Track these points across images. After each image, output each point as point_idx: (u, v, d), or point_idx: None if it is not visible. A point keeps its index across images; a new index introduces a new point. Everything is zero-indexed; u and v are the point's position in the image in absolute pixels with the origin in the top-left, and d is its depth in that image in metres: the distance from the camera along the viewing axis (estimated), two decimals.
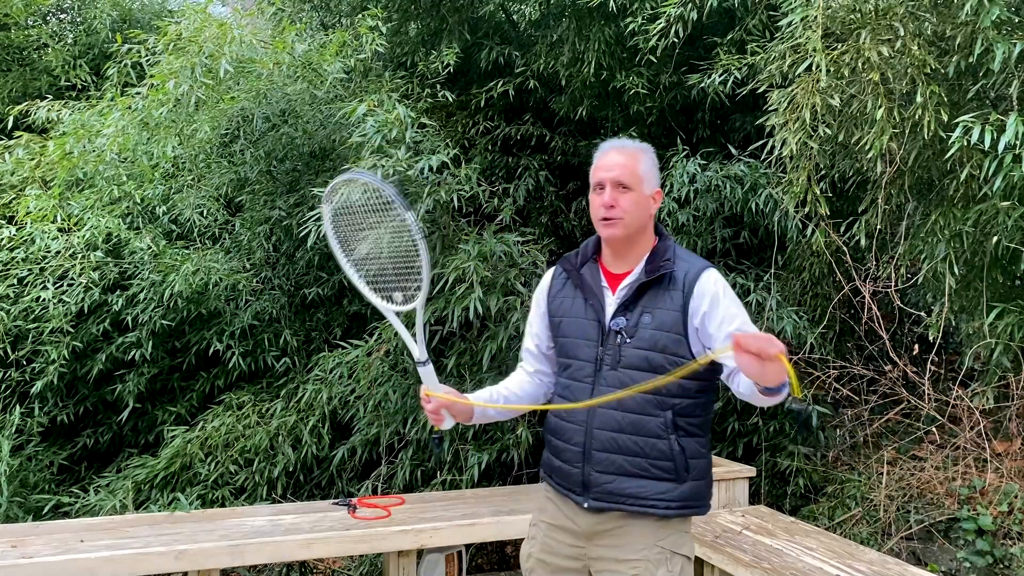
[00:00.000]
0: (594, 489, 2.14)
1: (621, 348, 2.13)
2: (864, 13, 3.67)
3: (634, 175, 2.18)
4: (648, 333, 2.11)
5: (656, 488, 2.11)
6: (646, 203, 2.20)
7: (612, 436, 2.13)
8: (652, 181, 2.23)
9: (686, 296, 2.11)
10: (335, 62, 4.84)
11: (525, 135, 5.64)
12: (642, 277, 2.16)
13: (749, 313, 2.05)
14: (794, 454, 4.89)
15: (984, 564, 3.94)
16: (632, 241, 2.19)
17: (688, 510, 2.15)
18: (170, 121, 4.64)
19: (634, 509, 2.12)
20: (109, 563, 3.23)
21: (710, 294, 2.11)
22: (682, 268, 2.15)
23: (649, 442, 2.11)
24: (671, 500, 2.11)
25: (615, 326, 2.15)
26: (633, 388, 2.07)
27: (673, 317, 2.11)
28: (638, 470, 2.11)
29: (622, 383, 2.10)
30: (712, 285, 2.12)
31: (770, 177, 4.50)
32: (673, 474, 2.11)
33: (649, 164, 2.24)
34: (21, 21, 6.69)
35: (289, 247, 5.39)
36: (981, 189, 3.38)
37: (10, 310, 4.53)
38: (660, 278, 2.14)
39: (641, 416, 2.11)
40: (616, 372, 2.13)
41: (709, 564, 3.68)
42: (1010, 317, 3.52)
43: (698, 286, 2.12)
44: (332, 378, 4.53)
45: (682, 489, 2.12)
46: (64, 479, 4.81)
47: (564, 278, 2.30)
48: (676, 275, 2.14)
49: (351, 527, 3.69)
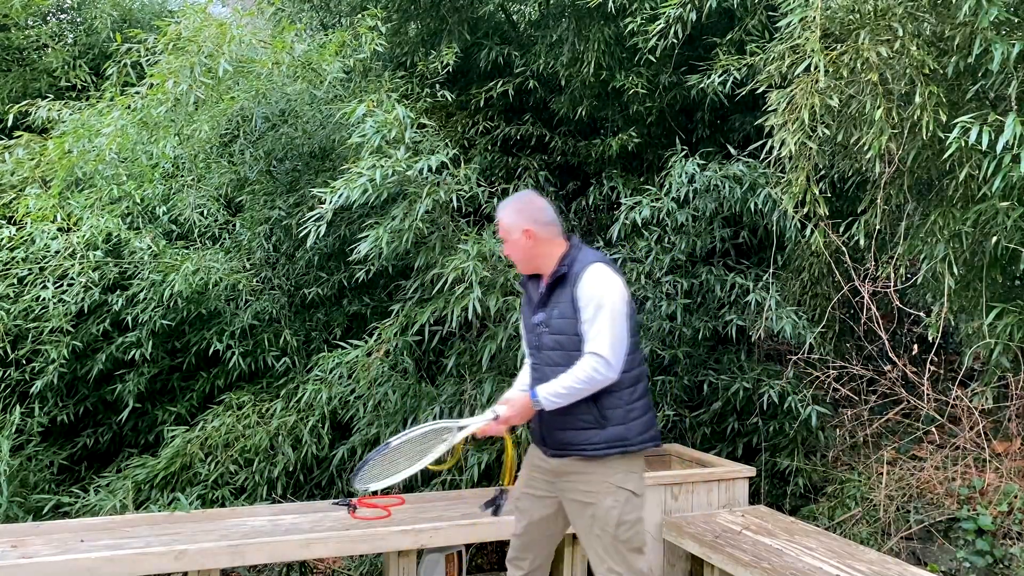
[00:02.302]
0: (548, 441, 2.86)
1: (542, 336, 2.85)
2: (863, 14, 3.67)
3: (505, 231, 2.90)
4: (556, 323, 2.80)
5: (584, 436, 2.76)
6: (520, 244, 2.87)
7: None
8: (518, 226, 2.87)
9: (573, 289, 2.76)
10: (334, 62, 4.84)
11: (525, 135, 5.64)
12: (547, 280, 2.85)
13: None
14: (794, 454, 4.89)
15: (984, 564, 3.95)
16: (533, 266, 2.90)
17: (615, 450, 2.76)
18: (169, 121, 4.64)
19: (572, 453, 2.78)
20: (109, 563, 3.24)
21: (585, 289, 2.74)
22: (574, 269, 2.79)
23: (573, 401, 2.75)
24: (597, 443, 2.75)
25: (536, 320, 2.88)
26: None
27: (567, 308, 2.77)
28: (567, 424, 2.78)
29: (546, 361, 2.83)
30: (588, 282, 2.74)
31: (769, 177, 4.51)
32: (594, 423, 2.75)
33: (511, 215, 2.89)
34: (21, 21, 6.69)
35: (289, 247, 5.39)
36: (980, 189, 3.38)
37: (10, 309, 4.53)
38: (561, 279, 2.80)
39: None
40: (542, 353, 2.86)
41: (709, 564, 3.68)
42: (1009, 317, 3.52)
43: (580, 283, 2.75)
44: (332, 378, 4.53)
45: (605, 434, 2.75)
46: (64, 479, 4.81)
47: (523, 288, 3.04)
48: (569, 275, 2.79)
49: (351, 527, 3.69)
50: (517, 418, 2.76)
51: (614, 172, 5.38)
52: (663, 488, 4.09)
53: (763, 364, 5.13)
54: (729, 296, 4.82)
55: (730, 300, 4.84)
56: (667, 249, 4.79)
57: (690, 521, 3.97)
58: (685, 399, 5.08)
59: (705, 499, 4.17)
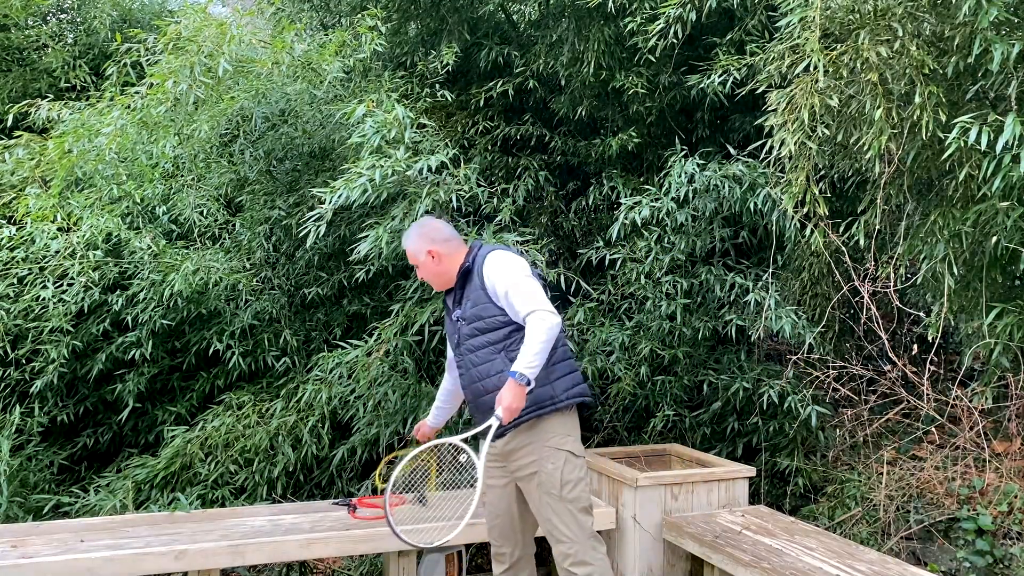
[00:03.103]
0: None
1: (461, 329, 3.11)
2: (863, 14, 3.67)
3: (412, 258, 3.20)
4: (471, 311, 3.06)
5: None
6: (428, 265, 3.16)
7: (477, 387, 3.07)
8: (421, 249, 3.15)
9: (481, 277, 3.04)
10: (334, 62, 4.84)
11: (525, 135, 5.64)
12: (456, 277, 3.13)
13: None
14: (794, 454, 4.89)
15: (984, 564, 3.95)
16: (445, 279, 3.19)
17: (545, 410, 2.98)
18: (169, 120, 4.64)
19: (509, 428, 2.97)
20: (109, 563, 3.24)
21: (492, 271, 3.02)
22: (477, 261, 3.08)
23: (498, 378, 2.97)
24: (528, 407, 2.92)
25: (455, 316, 3.15)
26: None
27: (479, 294, 3.04)
28: (496, 400, 2.87)
29: (468, 349, 3.07)
30: (492, 265, 3.03)
31: (769, 177, 4.51)
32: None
33: (413, 241, 3.18)
34: (21, 21, 6.69)
35: (289, 247, 5.39)
36: (980, 189, 3.38)
37: (10, 309, 4.53)
38: (466, 273, 3.09)
39: (487, 362, 3.03)
40: (464, 344, 3.10)
41: (709, 564, 3.68)
42: (1009, 317, 3.52)
43: (485, 268, 3.03)
44: (332, 378, 4.53)
45: (531, 398, 2.90)
46: (64, 479, 4.81)
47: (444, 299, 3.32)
48: (474, 267, 3.08)
49: (351, 527, 3.69)
50: (516, 403, 2.81)
51: (614, 172, 5.38)
52: (663, 488, 4.08)
53: (763, 364, 5.13)
54: (729, 296, 4.82)
55: (730, 300, 4.85)
56: (667, 249, 4.79)
57: (690, 521, 3.97)
58: (685, 399, 5.08)
59: (705, 499, 4.17)
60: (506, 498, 3.14)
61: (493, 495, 3.17)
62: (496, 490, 3.16)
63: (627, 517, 4.05)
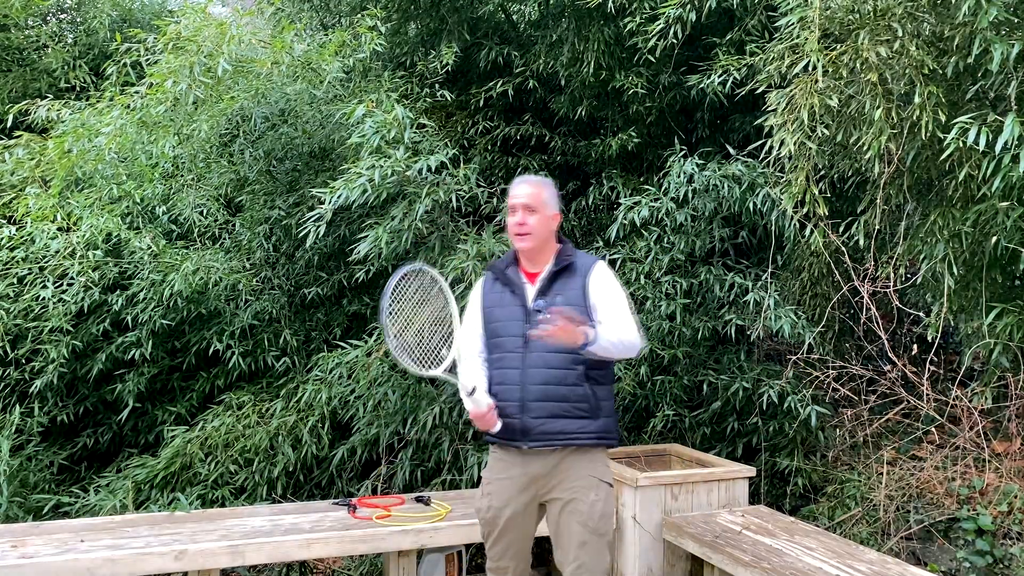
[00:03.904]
0: (532, 432, 2.78)
1: (540, 323, 2.73)
2: (862, 14, 3.67)
3: (539, 200, 2.86)
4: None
5: (578, 424, 2.78)
6: (548, 221, 2.88)
7: (543, 388, 2.79)
8: (552, 206, 2.89)
9: (584, 280, 2.84)
10: (334, 62, 4.84)
11: (525, 135, 5.64)
12: (552, 268, 2.87)
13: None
14: (794, 454, 4.89)
15: (984, 564, 3.95)
16: (540, 249, 2.89)
17: (604, 441, 2.84)
18: (168, 120, 4.64)
19: (564, 443, 2.78)
20: (109, 563, 3.24)
21: (600, 280, 2.85)
22: (581, 261, 2.89)
23: (571, 389, 2.78)
24: (590, 432, 2.79)
25: (537, 306, 2.82)
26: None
27: (577, 295, 2.82)
28: (563, 412, 2.77)
29: (546, 348, 2.73)
30: (602, 273, 2.87)
31: (768, 177, 4.51)
32: (590, 412, 2.79)
33: (549, 193, 2.90)
34: (21, 21, 6.69)
35: (289, 247, 5.39)
36: (980, 189, 3.38)
37: (10, 309, 4.53)
38: (565, 268, 2.86)
39: (563, 370, 2.78)
40: (534, 341, 2.74)
41: (709, 564, 3.68)
42: (1009, 317, 3.52)
43: (592, 274, 2.86)
44: (332, 378, 4.53)
45: (597, 424, 2.80)
46: (64, 479, 4.81)
47: (493, 279, 2.98)
48: (577, 266, 2.87)
49: (351, 527, 3.69)
50: (567, 339, 2.59)
51: (614, 172, 5.38)
52: (663, 488, 4.08)
53: (763, 364, 5.13)
54: (728, 296, 4.82)
55: (729, 300, 4.85)
56: (666, 249, 4.79)
57: (690, 521, 3.97)
58: (685, 399, 5.08)
59: (705, 499, 4.17)
60: (527, 520, 2.90)
61: (512, 517, 2.87)
62: (517, 512, 2.87)
63: (627, 517, 4.05)
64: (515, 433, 2.81)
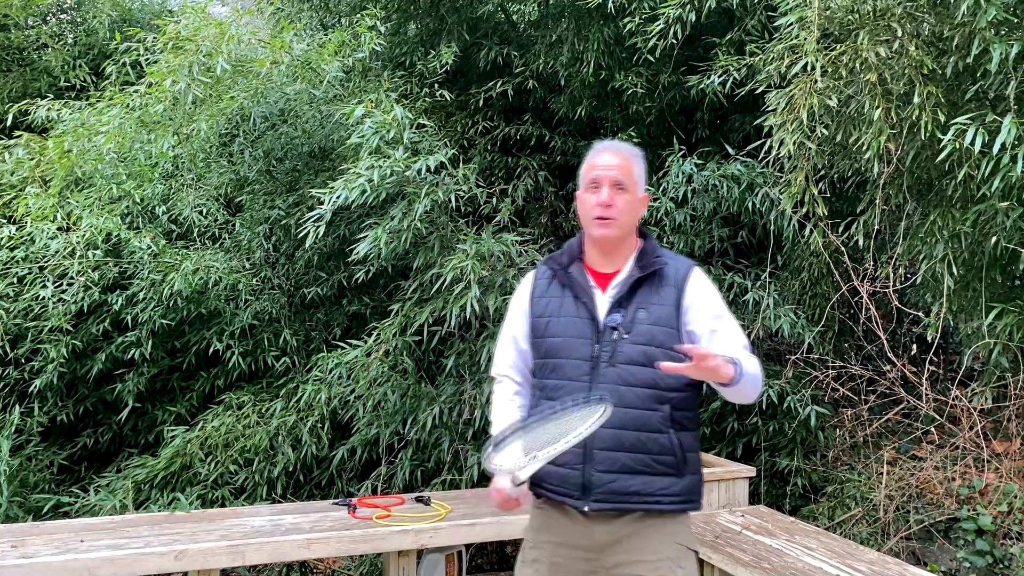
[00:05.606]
0: (596, 490, 2.08)
1: (618, 344, 2.09)
2: (862, 14, 3.67)
3: (630, 177, 2.17)
4: (645, 328, 2.10)
5: (660, 483, 2.08)
6: (638, 205, 2.21)
7: (615, 433, 2.05)
8: (643, 185, 2.24)
9: (679, 292, 2.14)
10: (333, 62, 4.84)
11: (524, 135, 5.64)
12: (636, 273, 2.15)
13: (746, 312, 2.15)
14: (794, 454, 4.89)
15: (984, 564, 3.95)
16: (622, 241, 2.20)
17: (689, 504, 2.14)
18: (168, 120, 4.64)
19: (637, 507, 2.08)
20: (109, 563, 3.24)
21: (700, 291, 2.16)
22: (672, 266, 2.18)
23: (651, 437, 2.08)
24: (674, 495, 2.10)
25: (611, 322, 2.11)
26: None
27: (668, 312, 2.12)
28: (642, 466, 2.07)
29: (622, 379, 2.06)
30: (702, 283, 2.18)
31: (767, 177, 4.51)
32: (674, 468, 2.09)
33: (641, 168, 2.24)
34: (21, 21, 6.69)
35: (289, 247, 5.39)
36: (979, 189, 3.38)
37: (10, 308, 4.53)
38: (652, 275, 2.15)
39: (643, 411, 2.07)
40: (615, 368, 2.08)
41: (709, 564, 3.68)
42: (1009, 317, 3.52)
43: (690, 283, 2.16)
44: (332, 378, 4.53)
45: (682, 483, 2.11)
46: (64, 479, 4.81)
47: (548, 278, 2.25)
48: (667, 272, 2.16)
49: (351, 527, 3.69)
50: (719, 374, 1.92)
51: None
52: None
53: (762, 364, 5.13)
54: (728, 296, 4.82)
55: (729, 300, 4.85)
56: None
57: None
58: None
59: (705, 499, 4.17)
60: None
61: None
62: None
63: None
64: (572, 488, 2.11)
